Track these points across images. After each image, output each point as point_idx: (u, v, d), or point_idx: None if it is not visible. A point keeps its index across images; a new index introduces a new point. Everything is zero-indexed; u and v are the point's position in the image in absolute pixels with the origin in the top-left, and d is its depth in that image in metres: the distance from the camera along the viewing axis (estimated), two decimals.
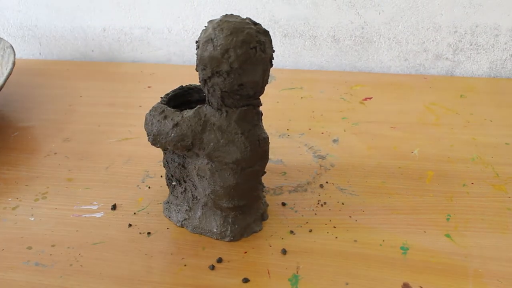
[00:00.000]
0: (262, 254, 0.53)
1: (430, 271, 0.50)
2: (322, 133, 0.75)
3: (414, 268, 0.50)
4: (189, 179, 0.55)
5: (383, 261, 0.51)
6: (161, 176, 0.65)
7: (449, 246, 0.53)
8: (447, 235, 0.55)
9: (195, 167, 0.52)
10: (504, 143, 0.72)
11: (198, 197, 0.55)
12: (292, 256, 0.52)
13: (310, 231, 0.56)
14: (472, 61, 0.96)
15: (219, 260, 0.52)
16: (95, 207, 0.60)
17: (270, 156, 0.53)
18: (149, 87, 0.93)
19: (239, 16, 0.46)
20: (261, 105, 0.50)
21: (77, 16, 1.06)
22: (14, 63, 0.78)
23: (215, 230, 0.55)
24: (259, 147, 0.50)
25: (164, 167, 0.57)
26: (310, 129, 0.77)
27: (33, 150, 0.74)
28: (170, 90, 0.58)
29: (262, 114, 0.52)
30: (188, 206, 0.56)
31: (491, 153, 0.69)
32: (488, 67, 0.96)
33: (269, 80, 0.49)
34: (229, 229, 0.54)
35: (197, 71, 0.47)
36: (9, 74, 0.75)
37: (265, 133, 0.51)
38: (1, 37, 1.11)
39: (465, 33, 0.93)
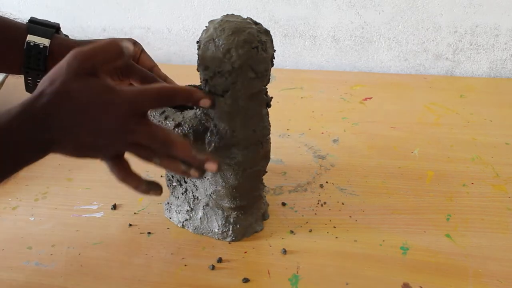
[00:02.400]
0: (262, 254, 0.53)
1: (430, 271, 0.50)
2: (322, 133, 0.75)
3: (414, 268, 0.50)
4: (189, 180, 0.55)
5: (383, 261, 0.51)
6: (161, 176, 0.65)
7: (449, 246, 0.53)
8: (447, 235, 0.55)
9: None
10: (504, 143, 0.72)
11: (199, 198, 0.55)
12: (292, 256, 0.52)
13: (310, 231, 0.56)
14: (472, 61, 0.96)
15: (219, 260, 0.52)
16: (95, 207, 0.60)
17: (270, 156, 0.53)
18: None
19: (240, 16, 0.46)
20: None
21: (77, 16, 1.06)
22: None
23: (216, 230, 0.55)
24: (261, 148, 0.50)
25: None
26: (310, 129, 0.77)
27: None
28: None
29: None
30: (189, 207, 0.56)
31: (491, 153, 0.69)
32: (488, 67, 0.96)
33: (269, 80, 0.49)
34: (230, 229, 0.54)
35: (198, 71, 0.47)
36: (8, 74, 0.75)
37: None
38: None
39: (465, 33, 0.93)
